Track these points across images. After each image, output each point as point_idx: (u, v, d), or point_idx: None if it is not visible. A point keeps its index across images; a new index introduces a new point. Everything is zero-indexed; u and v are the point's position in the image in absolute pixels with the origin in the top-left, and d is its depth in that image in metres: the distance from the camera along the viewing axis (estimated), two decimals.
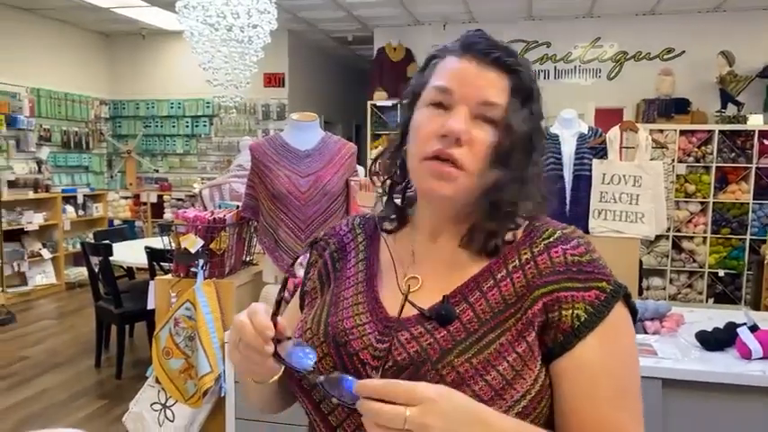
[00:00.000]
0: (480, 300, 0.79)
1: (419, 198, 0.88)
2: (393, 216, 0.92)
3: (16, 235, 6.43)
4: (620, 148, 3.65)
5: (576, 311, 0.75)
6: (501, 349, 0.75)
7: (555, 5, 6.50)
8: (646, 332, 2.12)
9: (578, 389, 0.75)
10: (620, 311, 0.77)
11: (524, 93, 0.81)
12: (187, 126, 8.01)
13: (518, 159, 0.79)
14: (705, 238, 5.83)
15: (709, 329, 2.07)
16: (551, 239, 0.80)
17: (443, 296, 0.80)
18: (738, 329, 1.98)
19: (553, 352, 0.76)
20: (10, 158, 6.58)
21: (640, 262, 3.73)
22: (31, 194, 6.54)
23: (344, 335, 0.82)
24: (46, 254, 6.72)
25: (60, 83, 7.35)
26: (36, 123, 6.93)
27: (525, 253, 0.80)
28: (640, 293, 3.60)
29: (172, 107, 8.01)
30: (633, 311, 0.80)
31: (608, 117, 5.96)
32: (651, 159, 3.89)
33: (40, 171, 6.86)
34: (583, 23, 6.95)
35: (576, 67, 7.06)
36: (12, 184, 6.33)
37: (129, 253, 4.51)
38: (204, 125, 7.98)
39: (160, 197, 7.84)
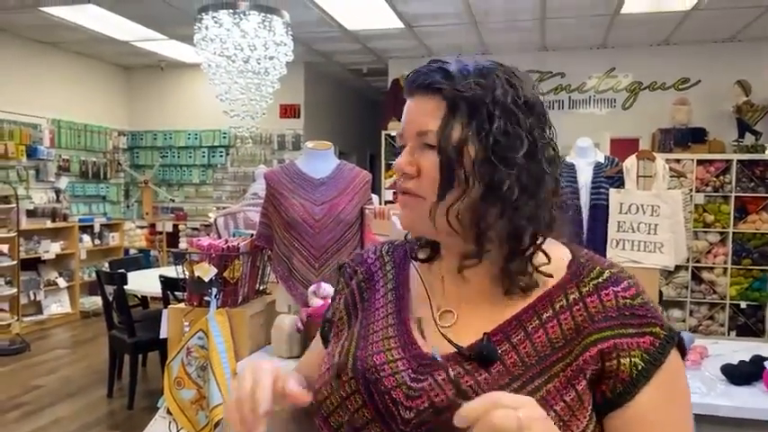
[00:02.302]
0: (525, 341, 0.75)
1: None
2: (426, 244, 0.88)
3: (33, 264, 6.47)
4: (637, 177, 3.62)
5: (633, 359, 0.72)
6: (548, 397, 0.71)
7: (568, 37, 6.54)
8: None
9: None
10: (674, 356, 0.75)
11: (470, 108, 0.76)
12: (203, 156, 8.10)
13: (473, 174, 0.74)
14: (726, 269, 5.72)
15: (735, 362, 2.01)
16: (600, 280, 0.77)
17: (484, 334, 0.76)
18: (766, 363, 1.92)
19: (613, 403, 0.73)
20: (29, 188, 6.67)
21: (660, 293, 3.66)
22: (48, 224, 6.61)
23: (375, 371, 0.78)
24: (62, 283, 6.75)
25: (80, 114, 7.49)
26: (56, 154, 7.04)
27: (573, 293, 0.76)
28: None
29: (189, 138, 8.11)
30: (683, 354, 0.78)
31: (623, 147, 5.92)
32: (669, 189, 3.85)
33: (58, 200, 6.94)
34: (597, 54, 6.98)
35: (590, 97, 7.07)
36: (30, 214, 6.41)
37: (143, 282, 4.52)
38: (220, 155, 8.07)
39: (176, 227, 7.89)
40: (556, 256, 0.80)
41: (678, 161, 5.74)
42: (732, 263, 5.70)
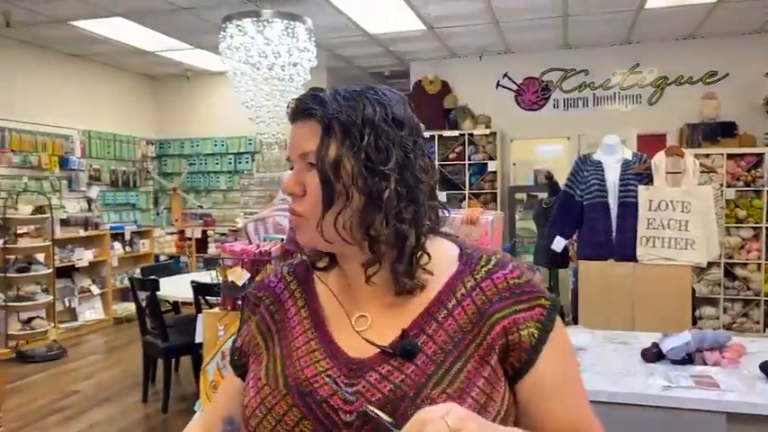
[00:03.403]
0: (438, 330, 0.82)
1: None
2: (324, 254, 0.92)
3: (67, 272, 6.63)
4: (667, 173, 3.57)
5: (529, 330, 0.81)
6: (470, 376, 0.79)
7: (591, 34, 6.49)
8: (705, 363, 2.03)
9: (548, 401, 0.83)
10: (558, 321, 0.85)
11: (342, 128, 0.81)
12: (230, 163, 8.21)
13: (352, 187, 0.81)
14: (760, 264, 5.61)
15: None
16: (490, 266, 0.86)
17: (402, 330, 0.82)
18: None
19: (521, 371, 0.82)
20: (62, 198, 6.84)
21: (693, 290, 3.61)
22: (81, 232, 6.75)
23: (308, 384, 0.82)
24: (95, 290, 6.90)
25: (109, 124, 7.65)
26: (87, 164, 7.20)
27: (468, 281, 0.85)
28: (694, 323, 3.46)
29: (215, 145, 8.23)
30: (562, 316, 0.88)
31: (651, 143, 5.86)
32: (699, 184, 3.79)
33: (90, 209, 7.10)
34: (621, 50, 6.90)
35: (615, 93, 6.99)
36: (64, 223, 6.56)
37: (175, 288, 4.60)
38: (246, 161, 8.17)
39: (204, 232, 8.00)
40: (444, 252, 0.88)
41: (707, 156, 5.65)
42: (766, 258, 5.59)
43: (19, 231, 5.86)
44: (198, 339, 2.20)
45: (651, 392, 1.78)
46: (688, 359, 2.01)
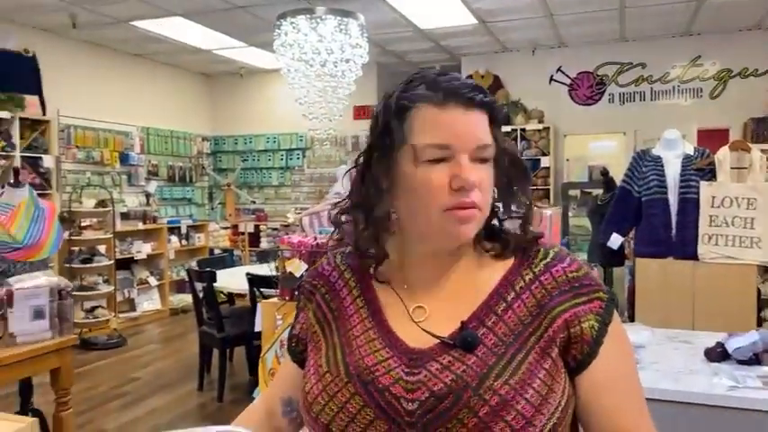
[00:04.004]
0: (498, 323, 0.83)
1: (427, 240, 0.86)
2: (374, 253, 0.90)
3: (127, 264, 6.88)
4: (731, 168, 3.45)
5: (590, 323, 0.82)
6: (531, 368, 0.79)
7: (650, 25, 6.30)
8: None
9: (608, 394, 0.83)
10: (615, 314, 0.86)
11: (498, 123, 0.86)
12: (282, 159, 8.36)
13: (512, 182, 0.88)
14: None
15: None
16: (548, 260, 0.87)
17: (462, 322, 0.83)
18: None
19: (583, 363, 0.82)
20: (122, 192, 7.10)
21: (758, 291, 3.47)
22: (140, 225, 7.00)
23: (369, 372, 0.82)
24: (153, 281, 7.14)
25: (167, 121, 7.89)
26: (145, 159, 7.46)
27: (527, 274, 0.86)
28: (759, 324, 3.33)
29: (268, 141, 8.39)
30: (617, 309, 0.89)
31: (712, 138, 5.65)
32: (766, 180, 3.65)
33: (148, 204, 7.35)
34: (681, 42, 6.68)
35: (674, 87, 6.78)
36: (124, 216, 6.81)
37: (230, 279, 4.72)
38: (298, 158, 8.29)
39: (257, 227, 8.17)
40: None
41: None
42: None
43: (83, 224, 6.12)
44: (257, 328, 2.26)
45: (716, 392, 1.73)
46: (755, 359, 1.93)
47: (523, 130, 6.98)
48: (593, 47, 6.98)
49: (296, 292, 2.24)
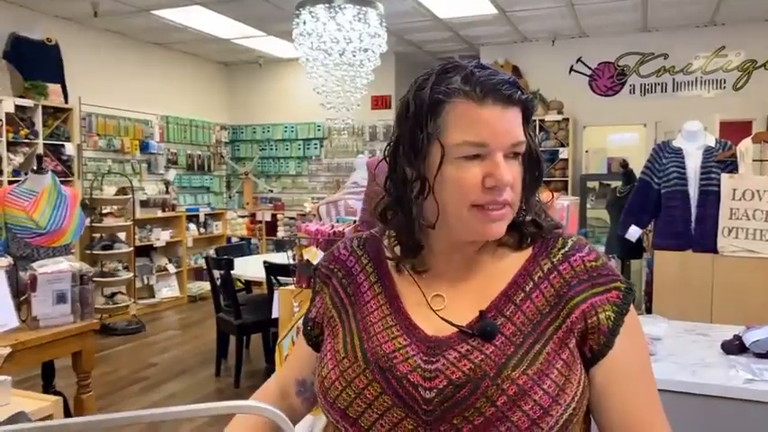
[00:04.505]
0: (517, 312, 0.82)
1: (454, 235, 0.85)
2: (409, 249, 0.90)
3: (146, 251, 6.97)
4: (753, 161, 3.40)
5: (607, 313, 0.82)
6: (549, 358, 0.79)
7: (673, 15, 6.20)
8: None
9: (622, 385, 0.82)
10: (632, 305, 0.85)
11: (529, 116, 0.85)
12: (299, 149, 8.39)
13: (533, 176, 0.87)
14: None
15: None
16: (566, 249, 0.86)
17: (480, 312, 0.83)
18: None
19: (599, 354, 0.82)
20: (142, 180, 7.18)
21: None
22: (159, 213, 7.08)
23: (387, 359, 0.82)
24: (171, 268, 7.22)
25: (186, 110, 7.95)
26: (165, 148, 7.53)
27: (546, 263, 0.85)
28: None
29: (285, 131, 8.42)
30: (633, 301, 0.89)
31: (735, 130, 5.56)
32: None
33: (167, 192, 7.42)
34: (704, 32, 6.57)
35: (696, 78, 6.68)
36: (143, 204, 6.89)
37: (247, 267, 4.76)
38: (315, 147, 8.32)
39: (274, 216, 8.23)
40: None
41: None
42: None
43: (104, 211, 6.21)
44: (274, 315, 2.28)
45: (733, 384, 1.72)
46: None
47: (542, 121, 6.92)
48: (614, 37, 6.89)
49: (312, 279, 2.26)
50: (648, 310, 3.54)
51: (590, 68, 7.07)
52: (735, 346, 1.97)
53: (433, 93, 0.81)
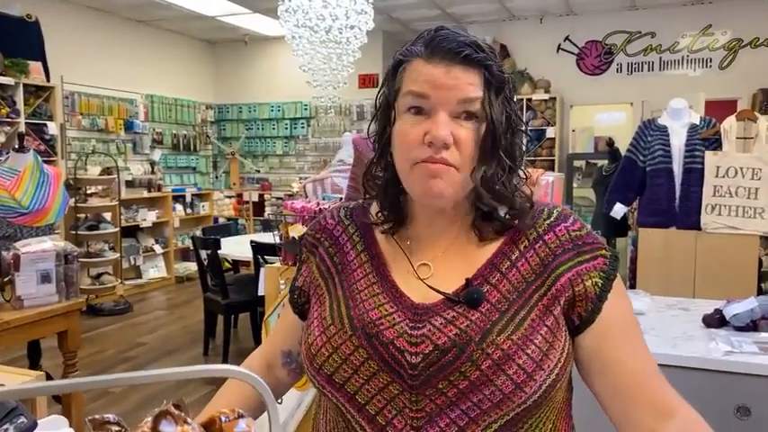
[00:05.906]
0: (502, 281, 0.84)
1: (415, 197, 0.88)
2: (391, 216, 0.91)
3: (132, 231, 6.93)
4: (737, 138, 3.42)
5: (593, 280, 0.83)
6: (533, 324, 0.81)
7: None
8: None
9: (616, 346, 0.84)
10: (617, 270, 0.87)
11: (497, 83, 0.82)
12: (286, 128, 8.32)
13: (504, 147, 0.83)
14: None
15: None
16: (551, 219, 0.87)
17: (466, 279, 0.84)
18: None
19: (587, 320, 0.83)
20: (128, 160, 7.11)
21: (760, 261, 3.48)
22: (145, 193, 7.03)
23: (374, 326, 0.83)
24: (158, 249, 7.20)
25: (170, 89, 7.85)
26: (150, 127, 7.44)
27: (531, 233, 0.86)
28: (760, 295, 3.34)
29: (272, 110, 8.34)
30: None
31: (720, 109, 5.58)
32: None
33: (153, 172, 7.36)
34: (691, 11, 6.57)
35: (683, 57, 6.69)
36: (129, 184, 6.84)
37: (234, 248, 4.75)
38: (302, 127, 8.26)
39: (261, 196, 8.19)
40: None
41: None
42: None
43: (88, 191, 6.15)
44: (260, 292, 2.28)
45: (713, 357, 1.75)
46: (752, 326, 1.95)
47: (530, 100, 6.92)
48: (601, 15, 6.87)
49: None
50: (633, 287, 3.58)
51: (577, 47, 7.06)
52: (715, 320, 2.01)
53: (397, 54, 0.86)
